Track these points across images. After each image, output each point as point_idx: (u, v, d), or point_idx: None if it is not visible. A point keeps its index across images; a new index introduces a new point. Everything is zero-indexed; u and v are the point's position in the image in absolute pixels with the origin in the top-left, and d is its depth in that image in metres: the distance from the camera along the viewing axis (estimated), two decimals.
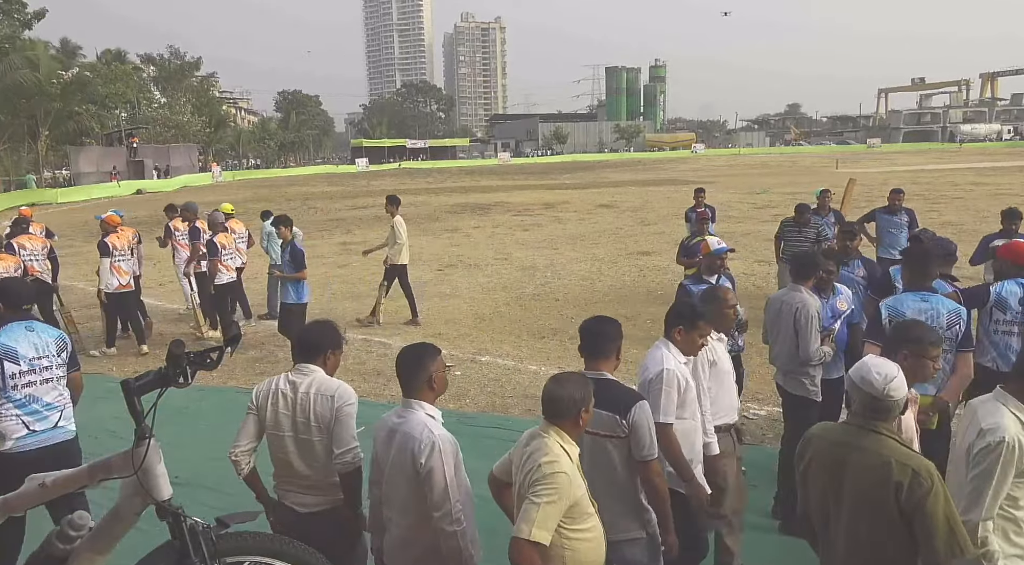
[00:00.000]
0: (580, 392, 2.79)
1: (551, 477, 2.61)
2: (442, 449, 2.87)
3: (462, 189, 40.37)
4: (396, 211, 10.95)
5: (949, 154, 71.29)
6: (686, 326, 3.56)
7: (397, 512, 3.03)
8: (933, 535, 2.40)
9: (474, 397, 7.32)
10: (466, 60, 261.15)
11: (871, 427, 2.57)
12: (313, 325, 3.69)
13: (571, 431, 2.79)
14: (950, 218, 19.74)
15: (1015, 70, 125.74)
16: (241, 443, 3.50)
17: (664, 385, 3.42)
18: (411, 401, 3.06)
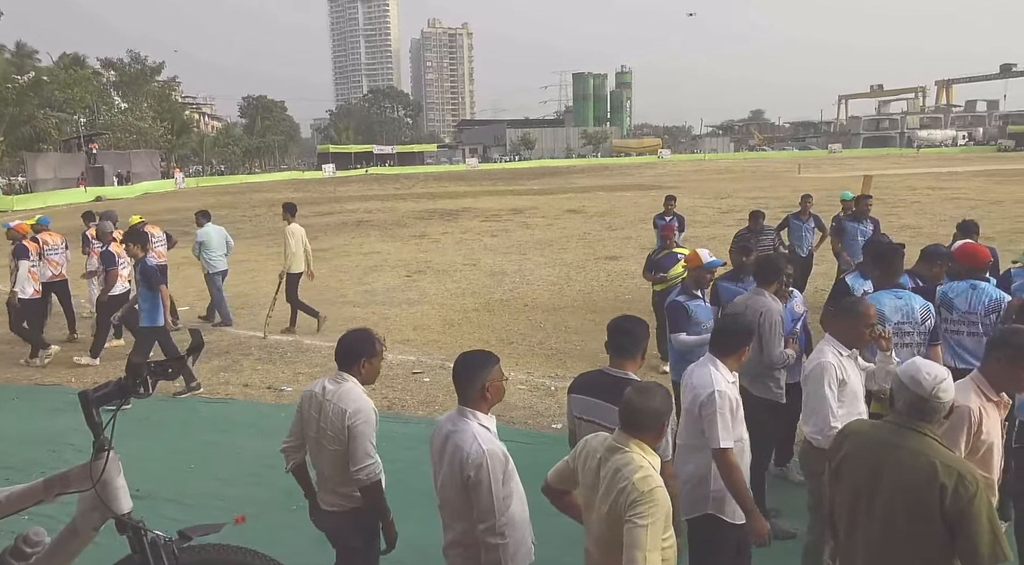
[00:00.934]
0: (665, 405, 2.75)
1: (649, 494, 2.53)
2: (490, 465, 2.84)
3: (430, 195, 40.26)
4: (292, 219, 10.63)
5: (907, 159, 73.02)
6: (748, 345, 3.51)
7: (449, 516, 3.07)
8: (978, 541, 2.37)
9: (443, 403, 7.27)
10: (433, 66, 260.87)
11: (914, 427, 2.55)
12: (349, 334, 3.60)
13: (652, 443, 2.74)
14: (908, 222, 20.20)
15: (968, 78, 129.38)
16: (288, 439, 3.61)
17: (716, 408, 3.31)
18: (465, 409, 3.01)
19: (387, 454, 5.98)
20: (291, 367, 8.67)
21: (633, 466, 2.59)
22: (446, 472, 2.99)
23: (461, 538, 3.00)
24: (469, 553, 2.96)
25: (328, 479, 3.51)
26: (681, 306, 5.15)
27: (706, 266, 5.22)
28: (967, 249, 4.84)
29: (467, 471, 2.84)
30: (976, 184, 34.22)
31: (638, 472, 2.57)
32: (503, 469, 2.88)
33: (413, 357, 8.86)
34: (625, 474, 2.59)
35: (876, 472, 2.56)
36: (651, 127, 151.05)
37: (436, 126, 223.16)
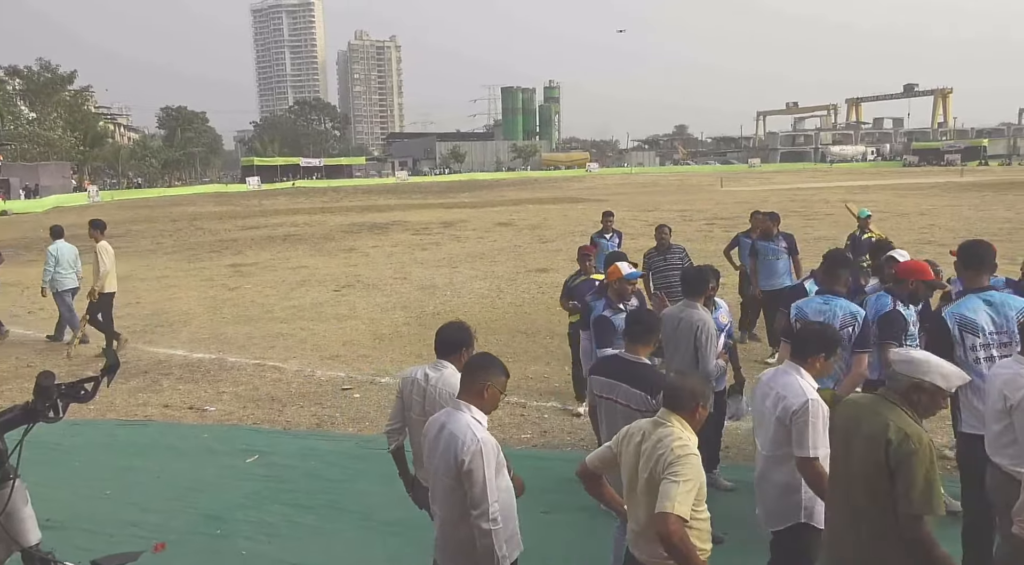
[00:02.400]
0: (701, 387, 3.00)
1: (686, 458, 2.78)
2: (484, 451, 2.92)
3: (359, 208, 39.77)
4: (101, 236, 10.07)
5: (821, 173, 76.45)
6: (828, 353, 3.46)
7: (439, 506, 3.11)
8: (910, 487, 2.70)
9: (374, 419, 7.15)
10: (361, 78, 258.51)
11: (889, 398, 2.89)
12: (449, 325, 3.84)
13: (689, 422, 2.94)
14: (823, 233, 21.08)
15: (875, 97, 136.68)
16: (390, 422, 3.90)
17: (811, 417, 3.29)
18: (460, 403, 3.10)
19: (316, 472, 5.89)
20: (214, 385, 8.38)
21: (673, 436, 2.86)
22: (439, 462, 3.04)
23: (447, 529, 3.07)
24: (461, 546, 3.01)
25: None
26: (608, 321, 5.09)
27: (626, 278, 5.21)
28: (907, 265, 4.87)
29: (461, 457, 2.91)
30: (884, 197, 36.07)
31: (677, 440, 2.84)
32: (496, 457, 2.97)
33: (343, 373, 8.69)
34: (666, 443, 2.85)
35: (856, 427, 2.96)
36: (579, 141, 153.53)
37: (365, 139, 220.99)
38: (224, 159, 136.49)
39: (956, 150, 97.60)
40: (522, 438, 6.57)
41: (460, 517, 2.98)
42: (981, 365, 3.85)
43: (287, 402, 7.72)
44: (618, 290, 5.20)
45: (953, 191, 39.25)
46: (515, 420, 6.98)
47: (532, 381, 8.17)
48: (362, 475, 5.82)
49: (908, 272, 4.67)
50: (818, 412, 3.29)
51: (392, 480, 5.86)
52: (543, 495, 5.35)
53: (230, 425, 7.12)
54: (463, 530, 2.98)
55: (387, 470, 5.89)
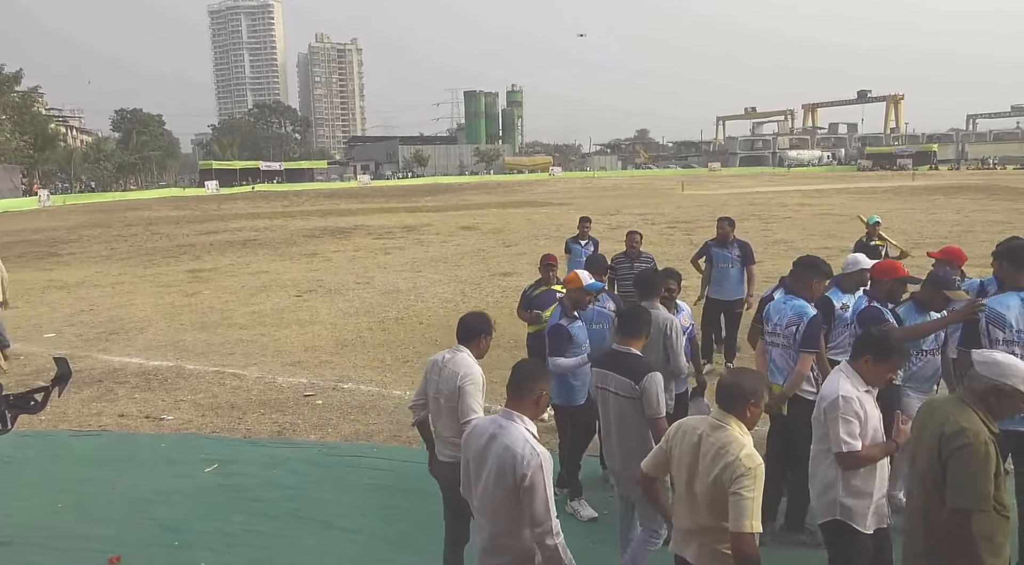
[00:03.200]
0: (751, 385, 2.99)
1: (755, 470, 2.80)
2: (544, 466, 2.84)
3: (320, 212, 39.35)
4: None
5: (779, 177, 77.92)
6: (876, 357, 3.36)
7: (487, 519, 3.01)
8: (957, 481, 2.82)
9: (336, 426, 7.08)
10: (322, 81, 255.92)
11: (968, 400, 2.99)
12: (471, 314, 4.19)
13: (743, 421, 2.96)
14: (782, 236, 21.49)
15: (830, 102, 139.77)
16: (415, 398, 4.24)
17: (840, 413, 3.28)
18: (513, 413, 3.01)
19: (277, 480, 5.81)
20: (172, 394, 8.21)
21: (738, 444, 2.88)
22: (491, 473, 2.93)
23: (495, 541, 2.98)
24: (509, 556, 2.95)
25: (443, 432, 3.96)
26: (564, 329, 5.04)
27: (586, 289, 5.12)
28: (881, 265, 5.00)
29: (521, 471, 2.82)
30: (840, 200, 36.90)
31: (744, 449, 2.86)
32: (552, 471, 2.92)
33: (305, 380, 8.58)
34: (732, 451, 2.86)
35: (924, 426, 3.08)
36: (542, 145, 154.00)
37: (326, 142, 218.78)
38: (181, 162, 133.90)
39: (908, 155, 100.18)
40: None
41: (510, 528, 2.92)
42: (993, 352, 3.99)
43: (247, 410, 7.60)
44: (575, 299, 5.13)
45: (905, 194, 40.33)
46: None
47: (497, 385, 8.10)
48: (324, 483, 5.76)
49: (883, 272, 4.79)
50: (849, 408, 3.27)
51: (354, 487, 5.83)
52: None
53: (188, 434, 6.98)
54: (512, 542, 2.92)
55: (350, 477, 5.86)
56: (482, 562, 3.05)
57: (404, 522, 5.13)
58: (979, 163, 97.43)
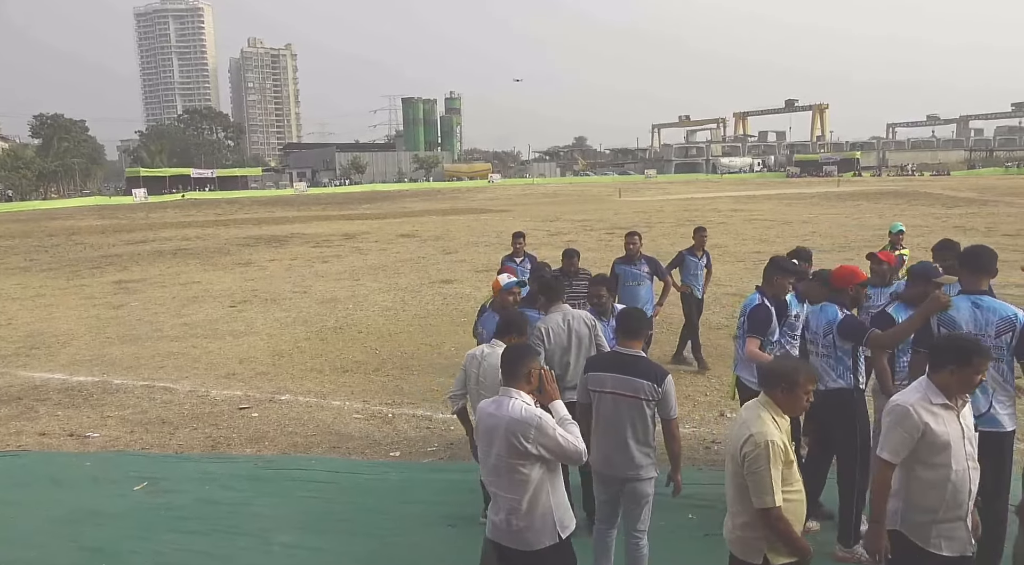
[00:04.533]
0: (785, 369, 3.12)
1: (766, 447, 2.92)
2: (544, 423, 3.18)
3: (255, 220, 38.46)
4: None
5: (712, 184, 79.96)
6: (957, 364, 3.12)
7: (503, 488, 3.27)
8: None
9: (273, 439, 6.90)
10: (255, 87, 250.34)
11: None
12: (509, 313, 4.63)
13: (780, 404, 3.05)
14: (716, 241, 22.00)
15: (760, 111, 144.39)
16: (453, 389, 4.68)
17: (893, 418, 3.18)
18: (510, 390, 3.31)
19: (211, 496, 5.63)
20: (98, 410, 7.87)
21: (755, 421, 3.00)
22: (501, 443, 3.22)
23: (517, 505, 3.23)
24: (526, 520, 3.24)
25: None
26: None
27: (504, 289, 5.23)
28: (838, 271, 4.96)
29: (528, 431, 3.15)
30: (770, 206, 38.08)
31: (756, 426, 2.98)
32: (552, 424, 3.22)
33: (240, 392, 8.35)
34: (749, 427, 3.01)
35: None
36: (481, 152, 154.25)
37: (260, 149, 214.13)
38: (107, 170, 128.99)
39: (833, 162, 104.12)
40: (428, 451, 6.50)
41: (526, 495, 3.22)
42: None
43: (179, 424, 7.34)
44: (500, 302, 5.21)
45: (832, 200, 41.88)
46: (421, 434, 6.90)
47: (438, 393, 8.10)
48: (260, 497, 5.61)
49: (843, 281, 4.71)
50: (901, 416, 3.14)
51: (293, 501, 5.69)
52: (449, 508, 5.32)
53: (116, 451, 6.70)
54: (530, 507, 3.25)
55: (288, 491, 5.72)
56: (508, 530, 3.29)
57: (345, 534, 5.03)
58: (899, 170, 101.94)
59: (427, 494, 5.57)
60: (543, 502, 3.23)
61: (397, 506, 5.39)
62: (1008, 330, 3.91)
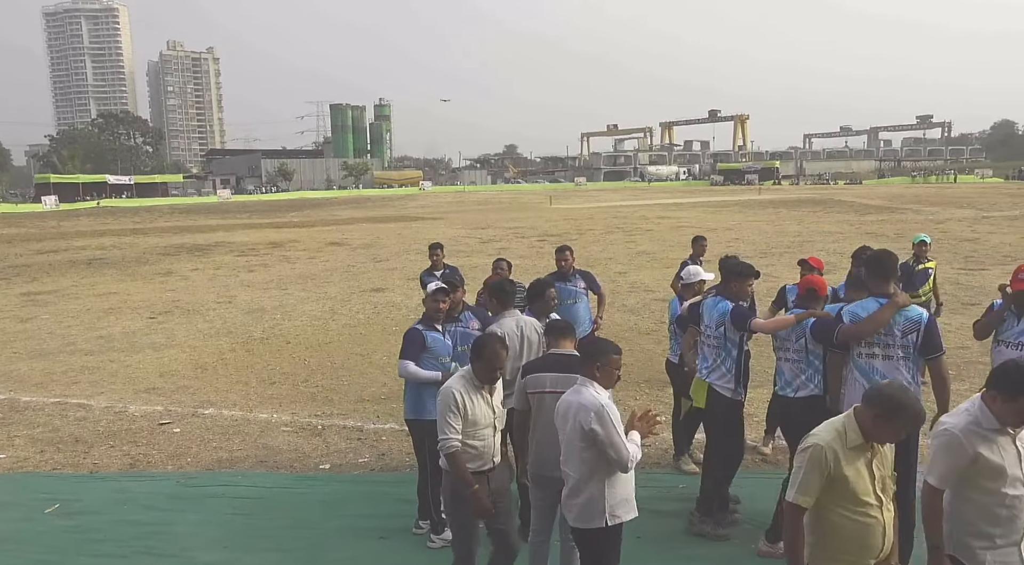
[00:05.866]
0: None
1: (807, 449, 2.95)
2: (608, 413, 3.47)
3: (176, 229, 37.13)
4: None
5: (640, 191, 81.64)
6: (1003, 396, 2.96)
7: (571, 468, 3.61)
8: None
9: (196, 455, 6.65)
10: (176, 91, 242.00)
11: None
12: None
13: (861, 419, 2.94)
14: (644, 248, 22.50)
15: (685, 121, 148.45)
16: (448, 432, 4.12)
17: (940, 443, 3.03)
18: (585, 380, 3.62)
19: (129, 517, 5.39)
20: (5, 429, 7.41)
21: (821, 427, 3.03)
22: (572, 428, 3.55)
23: (579, 484, 3.58)
24: (583, 496, 3.58)
25: None
26: (419, 334, 4.93)
27: (431, 295, 5.09)
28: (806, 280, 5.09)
29: (589, 420, 3.46)
30: (695, 214, 39.14)
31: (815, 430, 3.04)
32: (618, 419, 3.50)
33: (160, 407, 8.01)
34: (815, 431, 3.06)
35: None
36: (412, 159, 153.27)
37: (181, 155, 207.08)
38: (13, 176, 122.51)
39: (754, 171, 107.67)
40: (360, 462, 6.38)
41: (586, 474, 3.55)
42: (862, 360, 4.26)
43: (94, 442, 7.00)
44: (429, 310, 5.07)
45: (754, 208, 43.35)
46: (352, 445, 6.77)
47: (369, 404, 7.98)
48: (182, 516, 5.38)
49: (815, 292, 4.79)
50: (948, 443, 3.00)
51: (218, 518, 5.50)
52: (381, 520, 5.23)
53: (24, 473, 6.33)
54: (588, 486, 3.56)
55: (212, 508, 5.52)
56: (565, 503, 3.67)
57: (274, 552, 4.88)
58: (815, 178, 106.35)
59: (358, 507, 5.46)
60: (595, 486, 3.54)
61: (327, 520, 5.27)
62: (913, 330, 4.15)
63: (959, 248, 20.20)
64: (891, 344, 4.19)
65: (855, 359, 4.32)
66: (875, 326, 4.20)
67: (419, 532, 4.97)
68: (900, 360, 4.16)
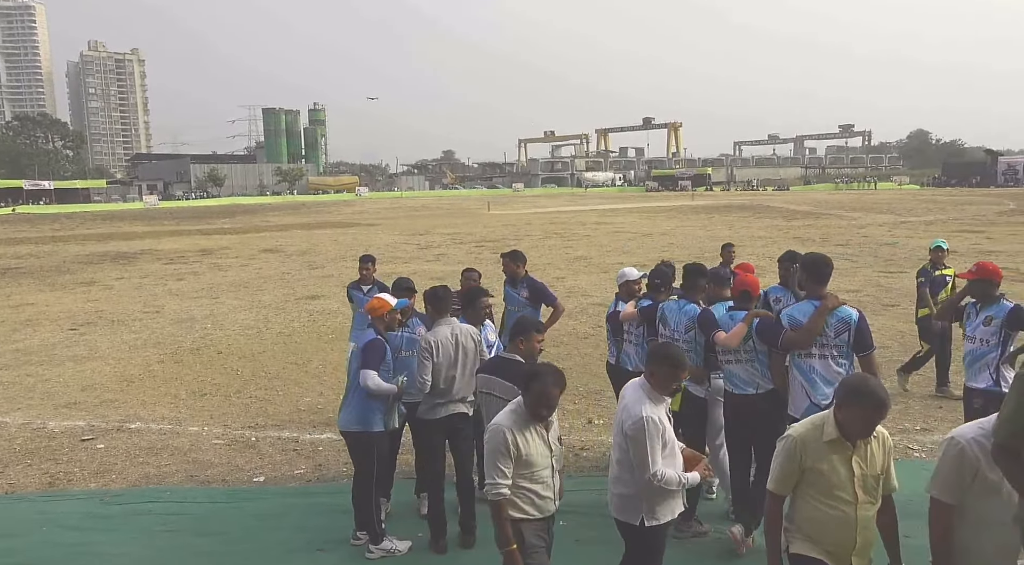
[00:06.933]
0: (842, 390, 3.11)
1: (783, 440, 3.10)
2: (647, 427, 3.36)
3: (100, 236, 35.66)
4: None
5: (578, 197, 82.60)
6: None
7: (616, 459, 3.57)
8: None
9: (121, 471, 6.37)
10: (98, 93, 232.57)
11: None
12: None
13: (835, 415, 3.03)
14: (582, 253, 22.74)
15: (620, 128, 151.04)
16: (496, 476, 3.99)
17: (944, 453, 2.89)
18: (645, 383, 3.53)
19: (48, 538, 5.14)
20: None
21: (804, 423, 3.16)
22: (619, 423, 3.54)
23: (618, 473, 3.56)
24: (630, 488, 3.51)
25: None
26: (382, 344, 4.87)
27: (396, 308, 5.05)
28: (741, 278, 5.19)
29: (629, 425, 3.42)
30: (631, 219, 39.82)
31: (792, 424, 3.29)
32: (659, 433, 3.42)
33: (82, 422, 7.65)
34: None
35: None
36: (348, 165, 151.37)
37: (105, 160, 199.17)
38: None
39: (688, 177, 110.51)
40: (296, 474, 6.23)
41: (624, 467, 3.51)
42: (800, 360, 4.47)
43: (9, 462, 6.63)
44: (388, 321, 5.00)
45: (687, 213, 44.39)
46: (288, 456, 6.61)
47: (305, 413, 7.81)
48: (107, 535, 5.15)
49: (748, 293, 4.91)
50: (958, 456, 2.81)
51: (145, 536, 5.28)
52: (319, 532, 5.12)
53: None
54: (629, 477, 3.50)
55: (139, 526, 5.30)
56: (612, 488, 3.61)
57: None
58: (745, 184, 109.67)
59: (295, 519, 5.33)
60: (632, 483, 3.47)
61: (262, 534, 5.12)
62: (845, 330, 4.37)
63: (880, 252, 21.12)
64: (825, 344, 4.41)
65: (795, 359, 4.52)
66: (812, 336, 4.41)
67: (357, 543, 4.88)
68: (834, 359, 4.38)
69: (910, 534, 3.44)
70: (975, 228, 28.27)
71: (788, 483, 3.07)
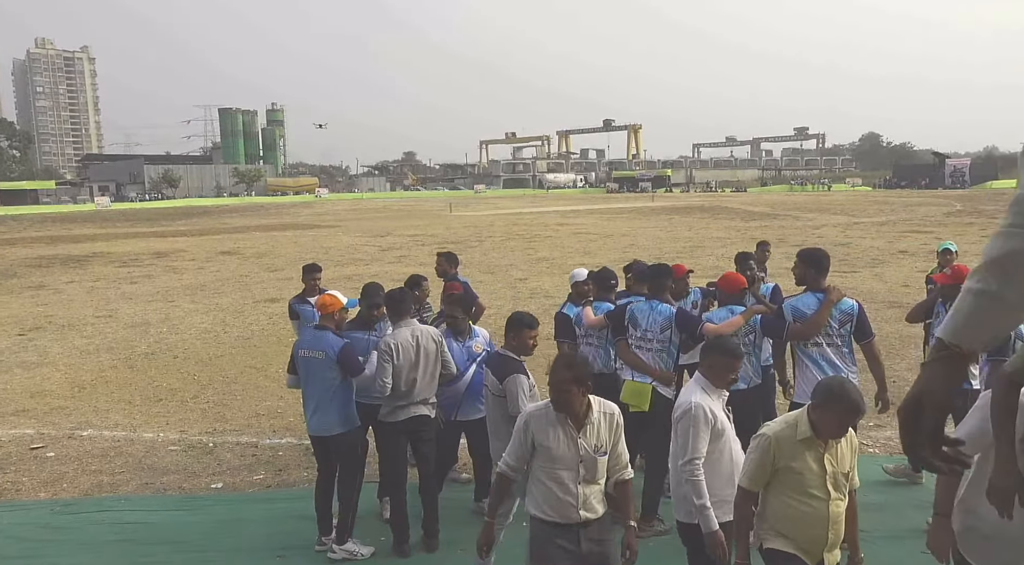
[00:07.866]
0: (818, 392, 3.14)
1: (757, 438, 3.15)
2: (694, 415, 3.46)
3: (49, 239, 34.62)
4: None
5: (539, 199, 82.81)
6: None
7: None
8: None
9: (73, 479, 6.19)
10: (46, 92, 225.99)
11: None
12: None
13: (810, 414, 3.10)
14: (544, 254, 22.79)
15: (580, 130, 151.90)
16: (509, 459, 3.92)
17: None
18: (700, 377, 3.63)
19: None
20: None
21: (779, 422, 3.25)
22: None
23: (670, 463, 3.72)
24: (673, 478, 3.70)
25: None
26: (350, 346, 4.89)
27: (346, 307, 5.08)
28: (728, 276, 5.28)
29: (677, 415, 3.58)
30: (592, 220, 40.06)
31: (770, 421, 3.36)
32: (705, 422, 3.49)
33: (31, 430, 7.42)
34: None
35: None
36: (307, 166, 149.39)
37: (53, 161, 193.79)
38: None
39: (648, 179, 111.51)
40: (255, 479, 6.13)
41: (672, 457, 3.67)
42: (811, 349, 4.74)
43: None
44: (338, 320, 5.01)
45: (647, 214, 44.82)
46: (247, 462, 6.49)
47: (265, 418, 7.69)
48: (58, 546, 5.00)
49: (734, 287, 5.10)
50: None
51: (98, 546, 5.14)
52: (278, 538, 5.04)
53: None
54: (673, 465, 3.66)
55: (91, 535, 5.16)
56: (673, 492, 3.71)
57: None
58: (704, 186, 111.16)
59: (254, 526, 5.24)
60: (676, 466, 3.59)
61: (220, 541, 5.02)
62: (848, 320, 4.73)
63: (834, 252, 21.46)
64: (831, 333, 4.73)
65: (805, 350, 4.79)
66: (819, 328, 4.69)
67: (321, 549, 4.82)
68: (839, 347, 4.74)
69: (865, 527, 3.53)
70: (924, 229, 29.10)
71: (760, 480, 3.15)
